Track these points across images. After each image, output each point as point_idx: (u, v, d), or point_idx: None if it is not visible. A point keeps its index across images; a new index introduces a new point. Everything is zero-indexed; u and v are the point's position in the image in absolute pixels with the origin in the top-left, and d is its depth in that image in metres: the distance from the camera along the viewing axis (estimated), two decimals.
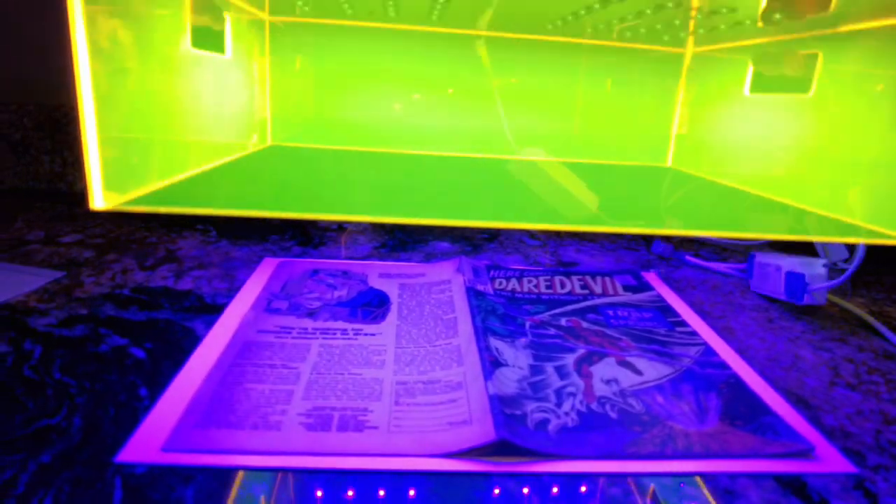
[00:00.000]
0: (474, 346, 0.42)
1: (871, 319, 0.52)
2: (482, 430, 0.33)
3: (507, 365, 0.41)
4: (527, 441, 0.33)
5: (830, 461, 0.34)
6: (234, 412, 0.35)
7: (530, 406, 0.36)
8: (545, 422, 0.35)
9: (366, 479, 0.31)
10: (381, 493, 0.30)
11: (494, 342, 0.43)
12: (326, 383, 0.38)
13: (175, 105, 0.51)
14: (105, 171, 0.29)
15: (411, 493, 0.31)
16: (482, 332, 0.44)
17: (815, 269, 0.50)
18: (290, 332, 0.44)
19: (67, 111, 0.71)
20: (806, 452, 0.34)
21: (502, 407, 0.36)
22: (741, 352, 0.45)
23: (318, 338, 0.44)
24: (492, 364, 0.40)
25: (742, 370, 0.42)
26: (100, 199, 0.29)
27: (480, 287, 0.53)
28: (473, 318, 0.47)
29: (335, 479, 0.31)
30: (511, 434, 0.33)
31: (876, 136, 0.51)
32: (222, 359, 0.40)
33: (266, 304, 0.49)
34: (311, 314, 0.47)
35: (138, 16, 0.37)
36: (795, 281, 0.51)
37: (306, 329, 0.45)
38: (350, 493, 0.30)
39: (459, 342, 0.44)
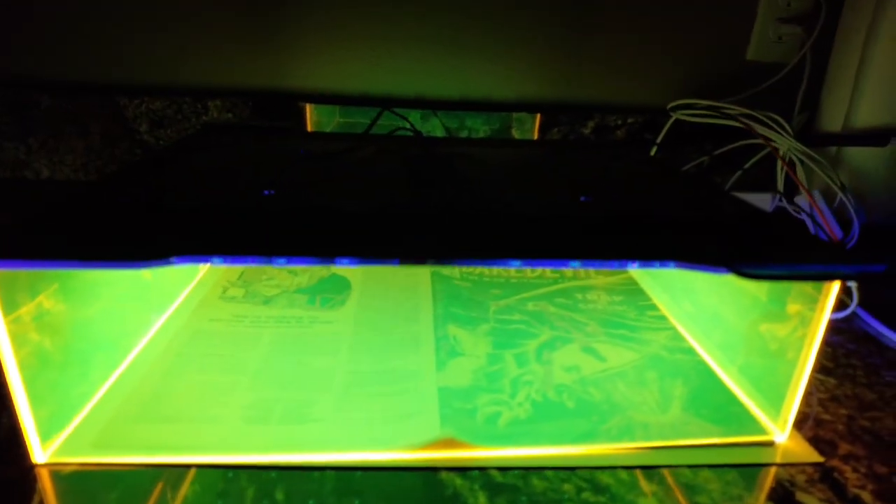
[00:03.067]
0: (432, 335, 0.41)
1: (850, 300, 0.50)
2: (427, 424, 0.32)
3: (462, 354, 0.39)
4: (473, 436, 0.31)
5: (797, 451, 0.32)
6: (173, 405, 0.33)
7: (482, 399, 0.35)
8: (496, 415, 0.33)
9: (300, 476, 0.30)
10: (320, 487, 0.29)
11: (454, 330, 0.42)
12: (274, 373, 0.37)
13: None
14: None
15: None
16: (441, 320, 0.42)
17: None
18: (242, 321, 0.43)
19: (30, 94, 0.69)
20: (770, 443, 0.33)
21: (451, 400, 0.34)
22: (711, 335, 0.43)
23: (271, 326, 0.42)
24: (447, 354, 0.38)
25: (713, 356, 0.40)
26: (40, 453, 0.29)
27: (447, 271, 0.51)
28: (435, 304, 0.45)
29: (270, 475, 0.29)
30: (457, 429, 0.31)
31: None
32: (169, 348, 0.39)
33: (222, 292, 0.47)
34: (268, 302, 0.45)
35: None
36: None
37: (260, 317, 0.43)
38: (282, 490, 0.29)
39: (419, 329, 0.42)
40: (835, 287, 0.29)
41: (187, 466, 0.29)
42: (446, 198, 0.36)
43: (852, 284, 0.44)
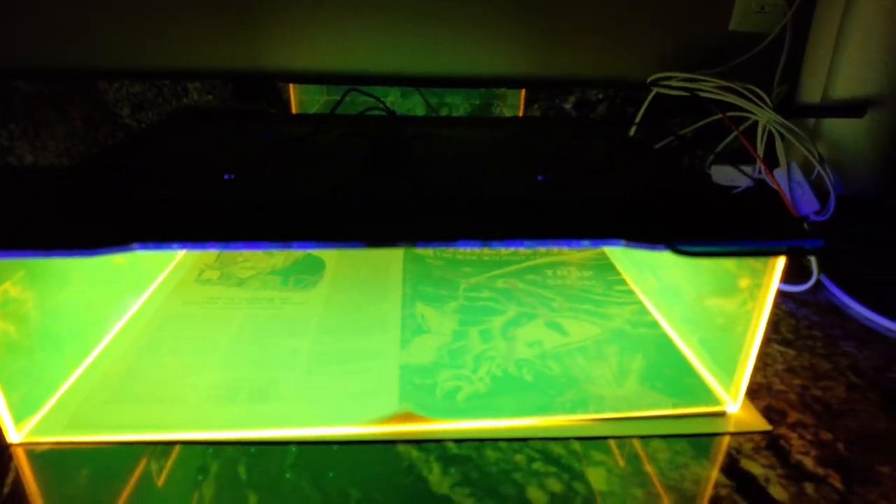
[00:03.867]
0: (399, 314, 0.41)
1: (815, 269, 0.51)
2: (386, 400, 0.33)
3: (428, 332, 0.40)
4: (430, 410, 0.32)
5: (746, 421, 0.33)
6: (144, 386, 0.35)
7: (444, 374, 0.36)
8: (455, 390, 0.34)
9: (264, 451, 0.31)
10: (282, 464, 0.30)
11: (421, 308, 0.42)
12: (242, 354, 0.38)
13: None
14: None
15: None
16: (410, 299, 0.43)
17: None
18: (216, 303, 0.44)
19: (9, 80, 0.69)
20: (722, 413, 0.34)
21: (412, 377, 0.35)
22: (673, 309, 0.44)
23: (243, 308, 0.43)
24: (412, 332, 0.39)
25: (675, 329, 0.41)
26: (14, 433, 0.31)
27: (420, 251, 0.52)
28: (405, 283, 0.46)
29: (233, 451, 0.31)
30: (414, 404, 0.32)
31: None
32: (144, 331, 0.40)
33: (198, 274, 0.48)
34: (242, 283, 0.46)
35: None
36: None
37: (233, 299, 0.44)
38: (245, 465, 0.30)
39: (387, 308, 0.43)
40: (779, 262, 0.30)
41: (155, 443, 0.30)
42: (407, 180, 0.36)
43: (811, 257, 0.45)
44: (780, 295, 0.48)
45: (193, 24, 0.69)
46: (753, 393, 0.36)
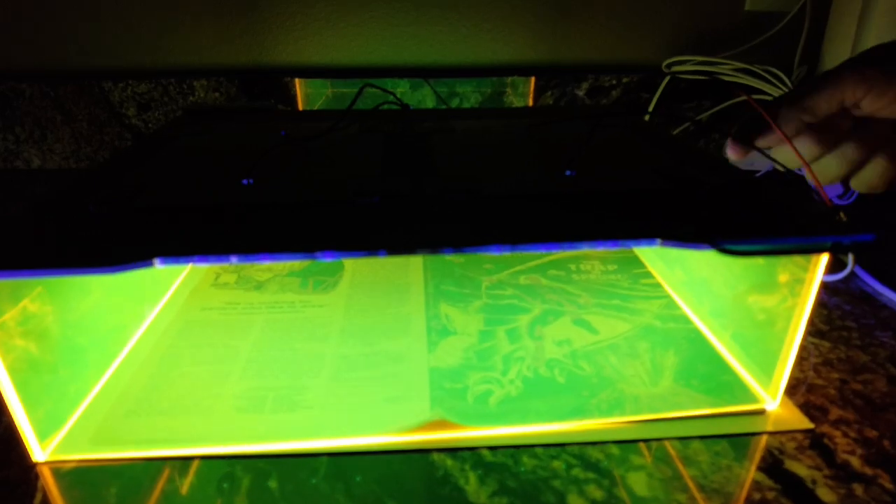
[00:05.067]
0: (423, 314, 0.41)
1: (850, 259, 0.49)
2: (418, 406, 0.32)
3: (454, 333, 0.39)
4: (463, 417, 0.32)
5: (787, 419, 0.32)
6: (167, 398, 0.34)
7: (473, 377, 0.35)
8: (487, 394, 0.34)
9: (294, 462, 0.30)
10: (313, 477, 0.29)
11: (445, 308, 0.42)
12: (265, 361, 0.37)
13: None
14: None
15: (357, 478, 0.29)
16: (433, 299, 0.42)
17: None
18: (234, 308, 0.43)
19: (13, 84, 0.68)
20: (761, 411, 0.33)
21: (442, 381, 0.34)
22: (703, 303, 0.43)
23: (263, 312, 0.42)
24: (438, 333, 0.38)
25: (707, 324, 0.40)
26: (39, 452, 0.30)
27: None
28: (427, 282, 0.45)
29: (263, 464, 0.30)
30: (447, 410, 0.32)
31: None
32: (162, 340, 0.39)
33: (214, 279, 0.47)
34: (259, 287, 0.46)
35: None
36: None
37: (252, 303, 0.43)
38: (276, 477, 0.29)
39: (410, 309, 0.42)
40: (823, 258, 0.29)
41: (180, 459, 0.30)
42: (427, 180, 0.35)
43: None
44: None
45: (196, 21, 0.68)
46: (791, 389, 0.35)
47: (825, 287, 0.47)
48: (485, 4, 0.69)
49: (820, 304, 0.44)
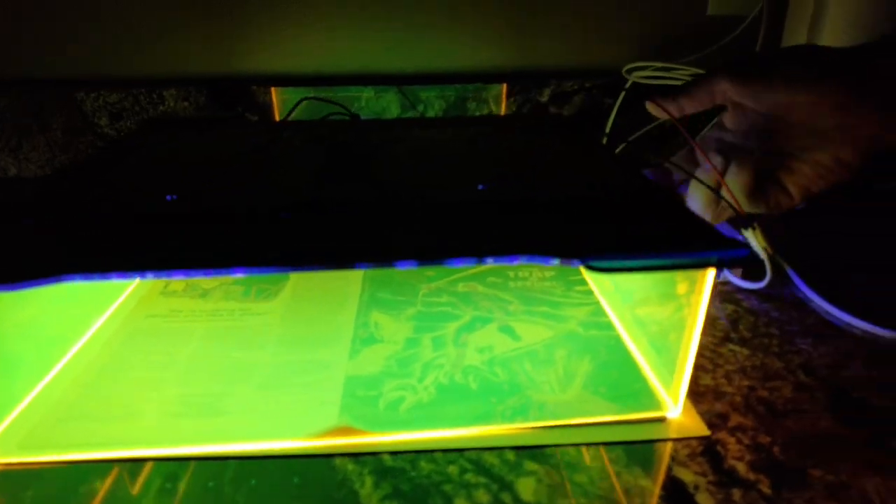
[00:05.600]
0: (352, 323, 0.42)
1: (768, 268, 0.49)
2: (327, 413, 0.34)
3: (380, 341, 0.40)
4: (370, 423, 0.33)
5: (685, 426, 0.33)
6: (100, 405, 0.36)
7: (389, 385, 0.36)
8: (399, 401, 0.35)
9: (206, 466, 0.32)
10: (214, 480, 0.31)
11: (377, 317, 0.43)
12: (199, 368, 0.39)
13: None
14: None
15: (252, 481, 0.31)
16: (366, 307, 0.44)
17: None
18: (178, 316, 0.45)
19: None
20: (662, 419, 0.34)
21: (356, 388, 0.36)
22: (626, 310, 0.44)
23: (204, 320, 0.44)
24: (363, 342, 0.40)
25: (628, 331, 0.41)
26: None
27: None
28: (364, 290, 0.46)
29: (174, 468, 0.32)
30: (354, 417, 0.33)
31: None
32: (105, 348, 0.41)
33: (164, 286, 0.49)
34: (205, 294, 0.47)
35: None
36: None
37: (195, 311, 0.45)
38: (184, 481, 0.31)
39: (342, 318, 0.43)
40: (709, 273, 0.30)
41: (102, 462, 0.32)
42: (353, 193, 0.37)
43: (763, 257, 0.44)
44: (742, 291, 0.48)
45: (165, 31, 0.69)
46: (699, 396, 0.36)
47: (759, 294, 0.47)
48: (446, 10, 0.70)
49: (750, 311, 0.45)
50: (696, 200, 0.40)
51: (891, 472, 0.30)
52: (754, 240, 0.42)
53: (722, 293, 0.47)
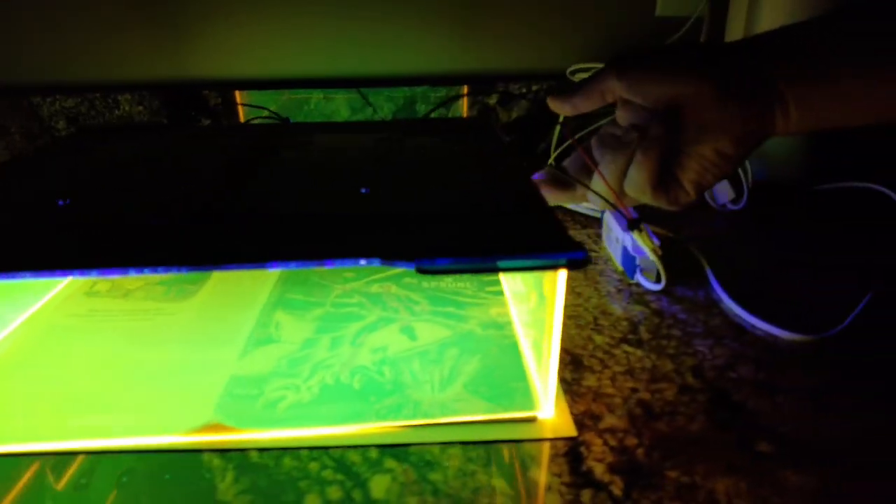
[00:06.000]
0: (254, 323, 0.43)
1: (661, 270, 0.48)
2: (202, 411, 0.34)
3: (277, 341, 0.41)
4: (242, 420, 0.34)
5: (554, 427, 0.34)
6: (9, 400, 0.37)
7: (273, 384, 0.37)
8: (279, 400, 0.36)
9: (85, 461, 0.33)
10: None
11: (280, 317, 0.44)
12: (100, 367, 0.40)
13: None
14: None
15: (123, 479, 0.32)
16: (272, 307, 0.45)
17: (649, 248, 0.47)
18: (94, 316, 0.46)
19: None
20: (533, 419, 0.34)
21: (237, 388, 0.36)
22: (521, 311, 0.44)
23: (118, 320, 0.45)
24: (258, 342, 0.41)
25: (528, 330, 0.41)
26: None
27: None
28: (275, 290, 0.47)
29: (53, 462, 0.33)
30: (227, 414, 0.34)
31: None
32: (14, 347, 0.42)
33: (91, 286, 0.50)
34: (127, 294, 0.49)
35: None
36: (628, 258, 0.49)
37: (112, 311, 0.46)
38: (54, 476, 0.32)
39: (245, 317, 0.44)
40: (559, 275, 0.30)
41: None
42: (228, 198, 0.38)
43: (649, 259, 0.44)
44: (654, 293, 0.47)
45: (118, 37, 0.71)
46: (579, 397, 0.36)
47: (671, 295, 0.47)
48: (394, 15, 0.71)
49: (656, 312, 0.45)
50: (593, 200, 0.40)
51: (746, 473, 0.30)
52: (641, 241, 0.42)
53: (635, 294, 0.47)
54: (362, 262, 0.28)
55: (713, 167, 0.36)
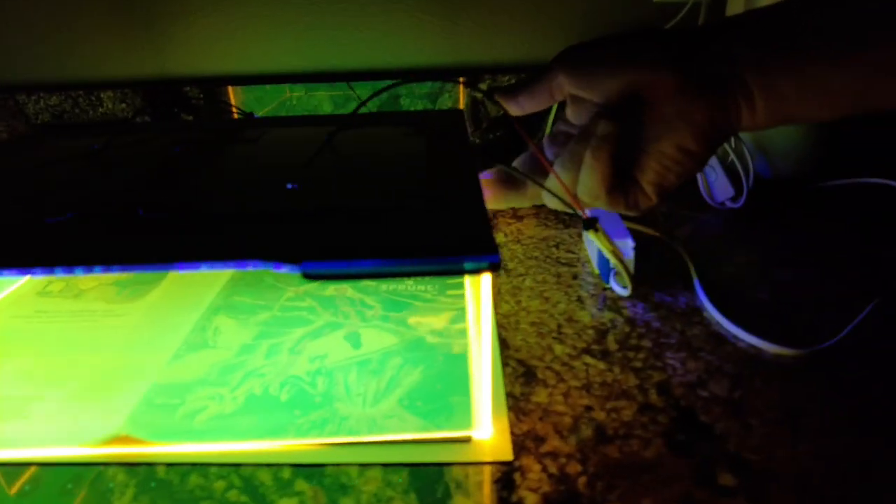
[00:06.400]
0: (191, 326, 0.41)
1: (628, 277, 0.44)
2: (113, 421, 0.32)
3: (212, 347, 0.39)
4: (156, 432, 0.31)
5: (488, 449, 0.30)
6: None
7: (197, 393, 0.34)
8: (200, 410, 0.33)
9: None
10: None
11: (221, 321, 0.41)
12: (29, 371, 0.38)
13: None
14: None
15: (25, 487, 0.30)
16: (213, 310, 0.42)
17: (627, 251, 0.43)
18: (41, 317, 0.44)
19: None
20: (468, 439, 0.31)
21: (157, 396, 0.34)
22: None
23: (63, 321, 0.44)
24: (191, 347, 0.38)
25: (484, 338, 0.38)
26: None
27: None
28: (221, 292, 0.45)
29: None
30: (142, 425, 0.32)
31: None
32: None
33: (44, 286, 0.49)
34: (79, 295, 0.47)
35: None
36: (603, 260, 0.45)
37: (60, 312, 0.45)
38: None
39: (183, 321, 0.42)
40: (482, 279, 0.27)
41: None
42: (159, 197, 0.35)
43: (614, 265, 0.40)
44: (629, 299, 0.43)
45: (100, 35, 0.70)
46: (525, 415, 0.33)
47: (650, 301, 0.43)
48: (384, 6, 0.68)
49: (629, 321, 0.41)
50: (548, 200, 0.37)
51: None
52: (598, 242, 0.38)
53: (609, 300, 0.43)
54: (248, 265, 0.25)
55: (675, 166, 0.32)
